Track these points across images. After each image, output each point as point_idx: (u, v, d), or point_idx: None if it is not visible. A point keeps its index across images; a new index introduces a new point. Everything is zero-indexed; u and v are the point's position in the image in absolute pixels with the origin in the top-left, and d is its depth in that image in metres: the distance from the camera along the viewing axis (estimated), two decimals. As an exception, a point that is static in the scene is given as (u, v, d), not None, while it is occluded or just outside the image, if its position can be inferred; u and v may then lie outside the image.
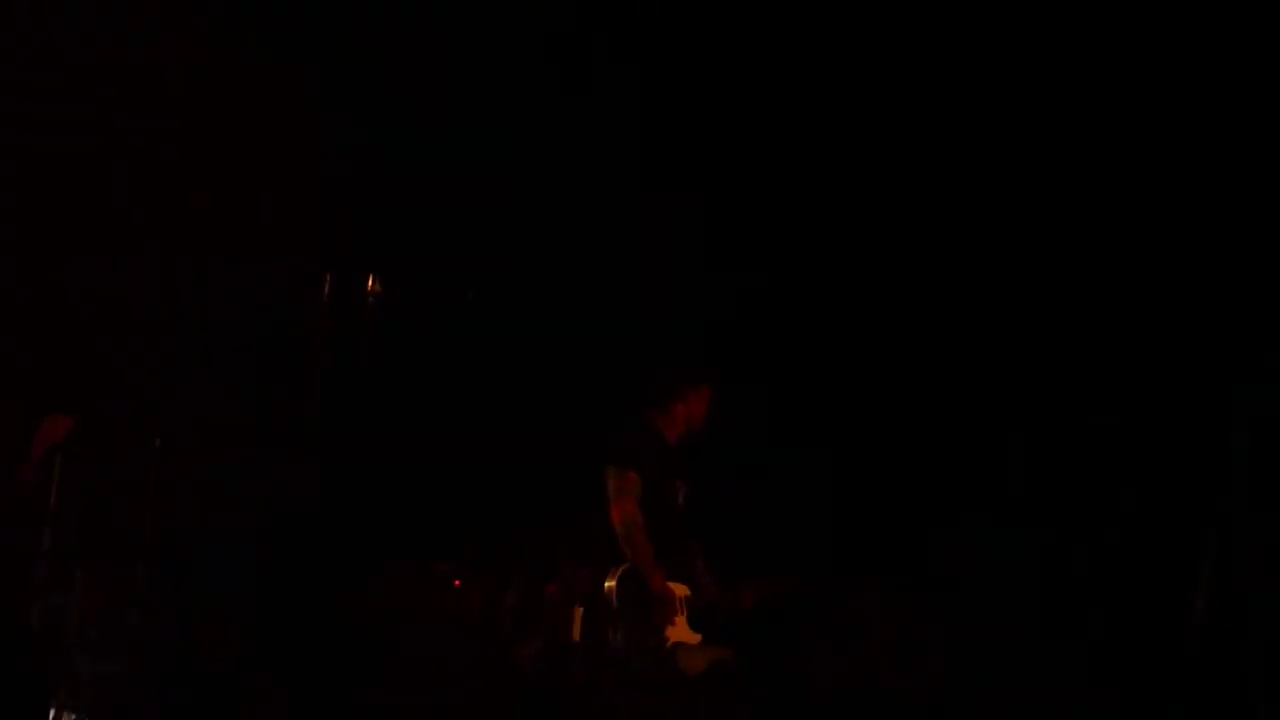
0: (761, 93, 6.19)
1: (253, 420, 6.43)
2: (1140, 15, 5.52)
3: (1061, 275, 6.10)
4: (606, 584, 4.40)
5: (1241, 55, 5.43)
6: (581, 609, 4.42)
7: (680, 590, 4.58)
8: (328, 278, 3.98)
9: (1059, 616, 5.83)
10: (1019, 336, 6.22)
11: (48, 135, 5.78)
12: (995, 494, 6.07)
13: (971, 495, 6.05)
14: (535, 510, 5.52)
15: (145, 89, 5.85)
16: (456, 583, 6.10)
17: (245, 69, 5.93)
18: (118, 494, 6.41)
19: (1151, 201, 5.79)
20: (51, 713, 5.97)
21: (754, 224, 6.52)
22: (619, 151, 6.44)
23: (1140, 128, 5.62)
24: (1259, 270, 5.59)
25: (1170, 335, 5.84)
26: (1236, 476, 5.48)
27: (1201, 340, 5.75)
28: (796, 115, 6.24)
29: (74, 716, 6.06)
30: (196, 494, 6.51)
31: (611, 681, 4.16)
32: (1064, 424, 6.06)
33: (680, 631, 4.52)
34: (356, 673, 5.86)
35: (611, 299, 6.58)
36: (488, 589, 6.01)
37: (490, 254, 6.58)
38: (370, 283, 4.05)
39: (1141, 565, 5.69)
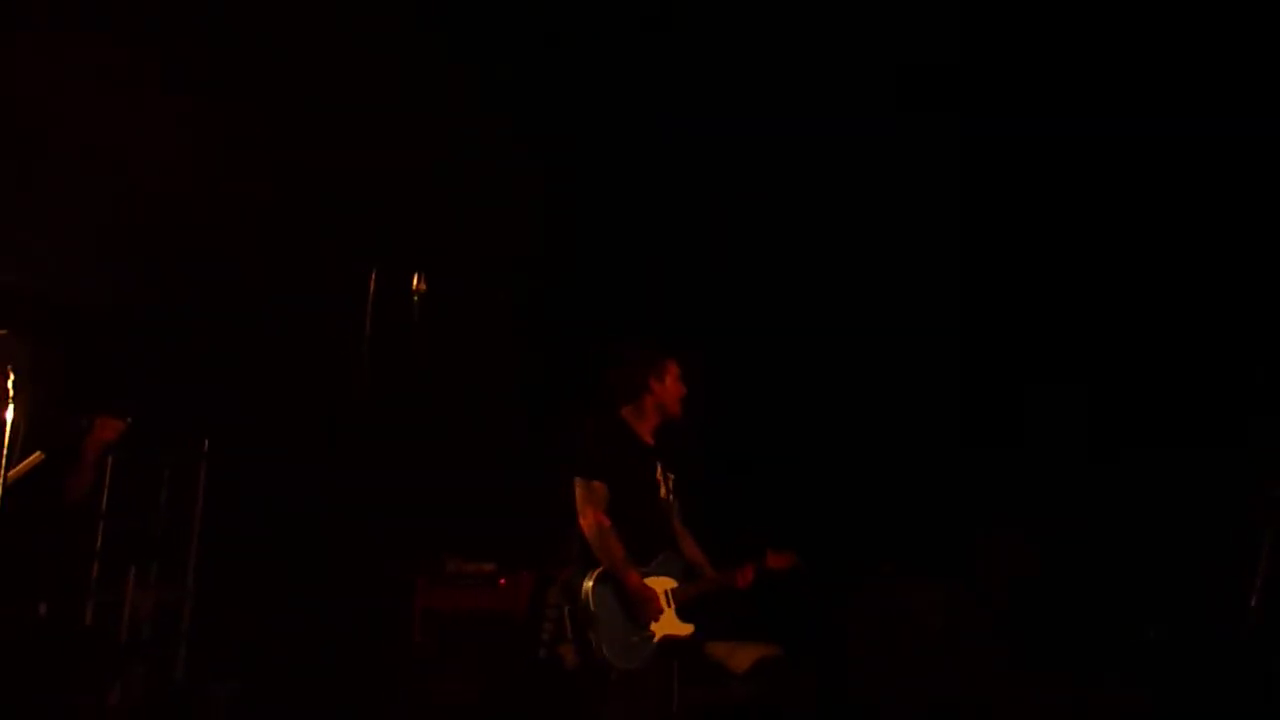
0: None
1: (298, 420, 6.48)
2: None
3: (1121, 265, 6.03)
4: (585, 585, 4.29)
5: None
6: (567, 607, 4.34)
7: (664, 584, 4.47)
8: (374, 276, 4.00)
9: (1112, 615, 5.77)
10: (1084, 330, 6.16)
11: (98, 132, 5.86)
12: (1047, 487, 6.01)
13: (1023, 487, 5.97)
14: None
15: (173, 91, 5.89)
16: (502, 581, 6.14)
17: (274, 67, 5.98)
18: (167, 495, 6.50)
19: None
20: (107, 709, 6.07)
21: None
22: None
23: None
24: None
25: (1240, 331, 5.78)
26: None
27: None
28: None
29: (128, 712, 6.16)
30: (243, 494, 6.59)
31: (595, 682, 4.20)
32: (1117, 421, 5.99)
33: (667, 625, 4.43)
34: (404, 669, 5.92)
35: (649, 296, 6.58)
36: (531, 587, 6.03)
37: (535, 252, 6.60)
38: (415, 281, 4.04)
39: (1197, 562, 5.61)
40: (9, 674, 4.39)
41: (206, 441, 6.55)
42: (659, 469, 4.62)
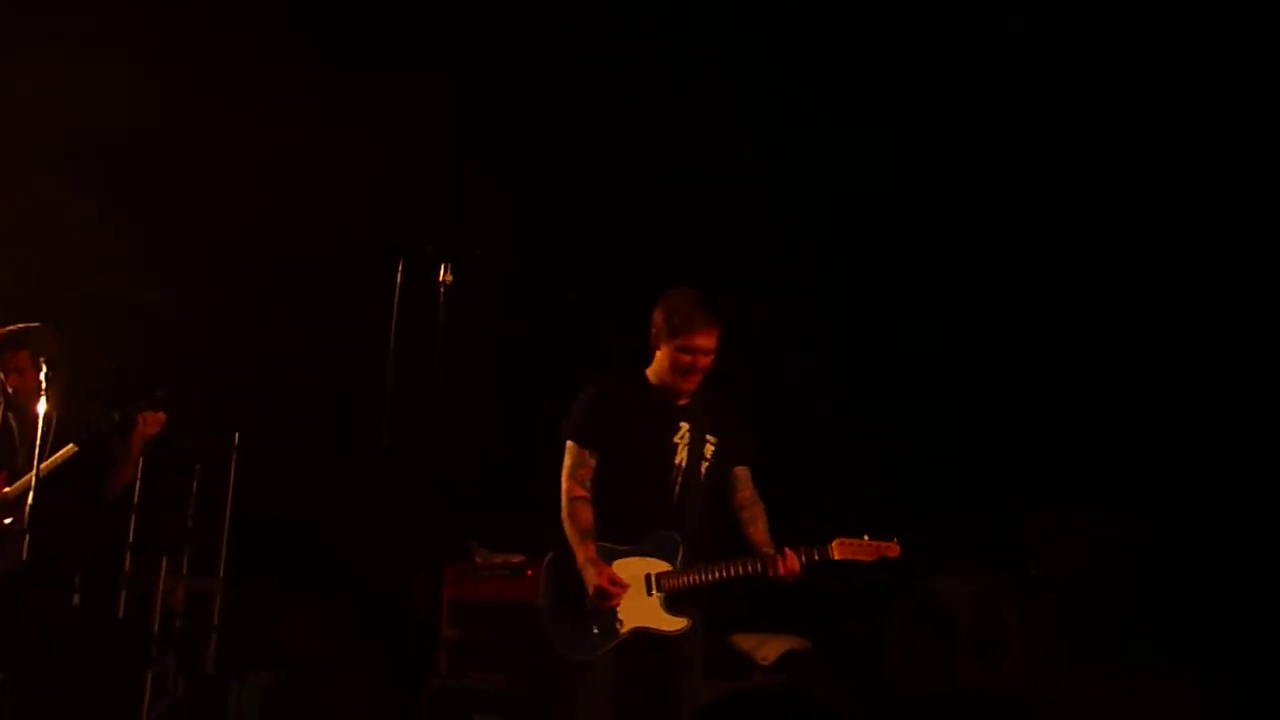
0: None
1: (327, 412, 6.51)
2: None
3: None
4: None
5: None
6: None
7: (648, 566, 3.82)
8: (400, 268, 3.99)
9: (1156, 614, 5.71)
10: (1133, 337, 6.10)
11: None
12: (1091, 484, 5.97)
13: (1065, 486, 5.91)
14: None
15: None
16: (530, 572, 6.14)
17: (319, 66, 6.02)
18: (198, 487, 6.54)
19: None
20: (143, 700, 6.13)
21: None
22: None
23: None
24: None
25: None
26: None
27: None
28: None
29: (163, 704, 6.21)
30: (273, 486, 6.62)
31: (556, 676, 3.78)
32: (1165, 419, 5.92)
33: (643, 615, 3.79)
34: (430, 659, 5.93)
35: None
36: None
37: (574, 244, 6.57)
38: (442, 272, 4.03)
39: (1235, 562, 5.55)
40: (43, 666, 4.43)
41: (237, 434, 6.60)
42: (683, 432, 3.96)
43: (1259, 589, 5.31)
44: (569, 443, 3.99)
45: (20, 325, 4.63)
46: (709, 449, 3.98)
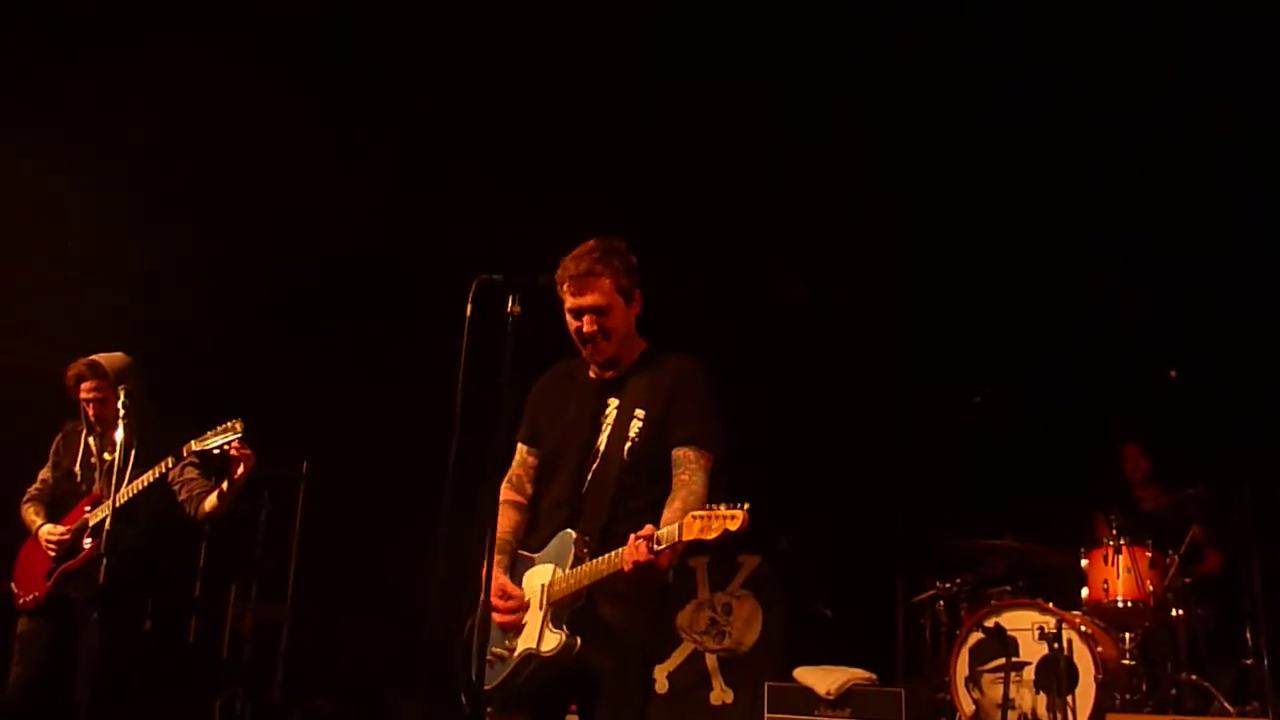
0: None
1: (395, 440, 6.57)
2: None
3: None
4: None
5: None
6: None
7: (540, 576, 3.21)
8: (470, 299, 4.03)
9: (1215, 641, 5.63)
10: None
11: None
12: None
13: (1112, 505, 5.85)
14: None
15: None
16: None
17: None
18: (267, 514, 6.63)
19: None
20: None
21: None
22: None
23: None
24: None
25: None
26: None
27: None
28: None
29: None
30: (341, 514, 6.69)
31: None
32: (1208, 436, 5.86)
33: (530, 633, 3.15)
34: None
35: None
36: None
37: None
38: (510, 303, 4.05)
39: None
40: (116, 690, 4.49)
41: (305, 462, 6.68)
42: (610, 409, 3.28)
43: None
44: (517, 441, 3.49)
45: (101, 354, 4.74)
46: (634, 426, 3.24)
